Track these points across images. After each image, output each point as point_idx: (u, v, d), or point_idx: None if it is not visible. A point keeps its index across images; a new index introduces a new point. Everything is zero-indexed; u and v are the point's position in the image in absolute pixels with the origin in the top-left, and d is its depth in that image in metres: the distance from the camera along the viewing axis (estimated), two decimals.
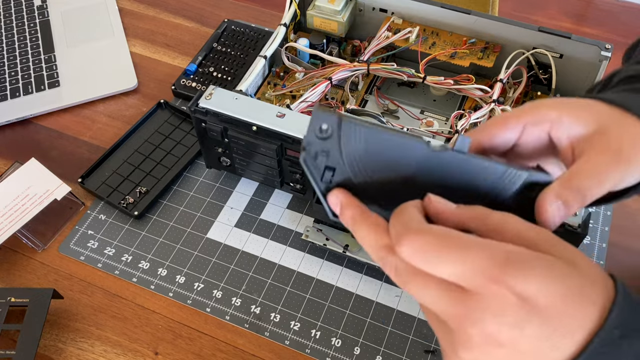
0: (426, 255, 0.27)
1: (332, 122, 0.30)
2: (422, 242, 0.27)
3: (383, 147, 0.31)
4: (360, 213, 0.31)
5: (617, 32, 0.85)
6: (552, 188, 0.32)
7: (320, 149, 0.31)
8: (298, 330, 0.59)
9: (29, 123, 0.77)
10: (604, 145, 0.33)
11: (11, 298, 0.58)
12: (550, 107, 0.35)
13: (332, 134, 0.30)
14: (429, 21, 0.70)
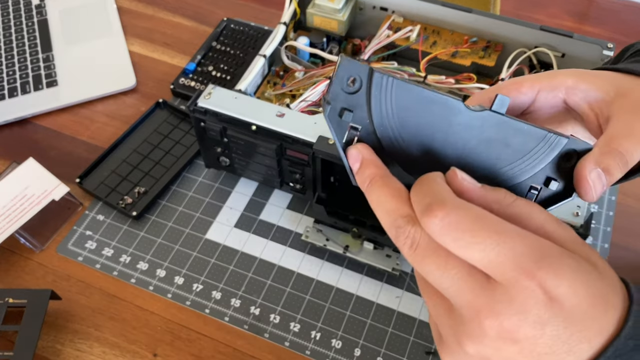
0: (459, 234, 0.25)
1: (362, 73, 0.27)
2: (458, 217, 0.25)
3: (416, 104, 0.28)
4: (381, 174, 0.28)
5: (619, 31, 0.84)
6: (591, 155, 0.30)
7: (346, 104, 0.28)
8: (298, 331, 0.58)
9: (27, 123, 0.77)
10: (630, 105, 0.32)
11: (9, 299, 0.57)
12: (566, 74, 0.34)
13: (362, 87, 0.28)
14: (430, 20, 0.70)
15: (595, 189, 0.29)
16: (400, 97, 0.28)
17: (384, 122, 0.29)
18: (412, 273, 0.62)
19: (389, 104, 0.28)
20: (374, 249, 0.61)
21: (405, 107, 0.28)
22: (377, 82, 0.28)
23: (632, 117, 0.31)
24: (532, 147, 0.29)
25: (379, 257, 0.61)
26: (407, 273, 0.62)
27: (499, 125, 0.29)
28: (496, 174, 0.30)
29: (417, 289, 0.61)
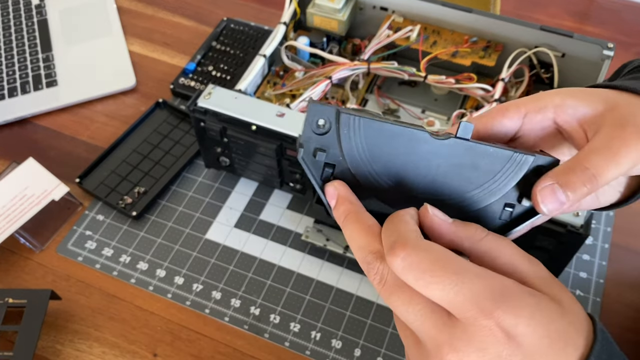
0: (419, 273, 0.26)
1: (330, 115, 0.29)
2: (418, 258, 0.26)
3: (384, 138, 0.30)
4: (355, 211, 0.30)
5: (619, 31, 0.84)
6: (554, 170, 0.30)
7: (318, 145, 0.30)
8: (298, 331, 0.58)
9: (27, 123, 0.77)
10: (617, 117, 0.30)
11: (9, 299, 0.57)
12: (552, 94, 0.33)
13: (331, 127, 0.29)
14: (430, 19, 0.70)
15: (544, 202, 0.29)
16: (368, 133, 0.30)
17: (356, 158, 0.30)
18: None
19: (359, 140, 0.30)
20: None
21: (374, 142, 0.30)
22: (344, 122, 0.29)
23: (612, 130, 0.30)
24: (501, 168, 0.30)
25: None
26: None
27: (465, 150, 0.30)
28: (469, 197, 0.31)
29: None
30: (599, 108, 0.31)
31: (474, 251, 0.29)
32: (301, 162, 0.30)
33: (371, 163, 0.30)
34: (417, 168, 0.30)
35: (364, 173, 0.31)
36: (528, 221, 0.31)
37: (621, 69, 0.44)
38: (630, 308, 0.60)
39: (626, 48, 0.73)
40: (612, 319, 0.59)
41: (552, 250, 0.53)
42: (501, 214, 0.31)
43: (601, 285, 0.61)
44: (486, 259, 0.28)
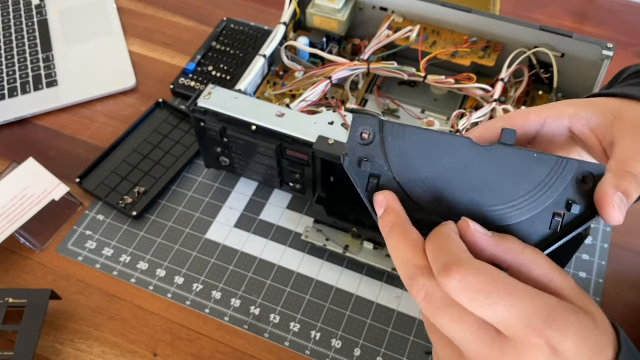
0: (474, 294, 0.27)
1: (374, 126, 0.30)
2: (474, 279, 0.27)
3: (427, 147, 0.30)
4: (401, 223, 0.31)
5: (619, 31, 0.84)
6: (608, 179, 0.31)
7: (363, 155, 0.30)
8: (298, 331, 0.58)
9: (27, 123, 0.77)
10: (629, 127, 0.34)
11: (9, 299, 0.57)
12: (567, 104, 0.36)
13: (375, 138, 0.30)
14: (430, 20, 0.70)
15: (619, 211, 0.30)
16: (412, 142, 0.30)
17: (400, 167, 0.31)
18: None
19: (403, 149, 0.30)
20: (374, 249, 0.61)
21: (418, 151, 0.30)
22: (388, 131, 0.30)
23: (634, 139, 0.33)
24: (546, 174, 0.31)
25: (379, 257, 0.61)
26: None
27: (509, 156, 0.30)
28: (513, 206, 0.31)
29: None
30: (609, 118, 0.35)
31: (513, 264, 0.30)
32: (347, 170, 0.30)
33: (415, 171, 0.31)
34: (461, 176, 0.31)
35: (409, 182, 0.31)
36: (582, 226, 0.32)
37: (619, 75, 0.45)
38: (630, 308, 0.60)
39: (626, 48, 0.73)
40: (612, 319, 0.59)
41: (553, 254, 0.53)
42: (551, 223, 0.31)
43: (601, 285, 0.61)
44: (524, 271, 0.29)
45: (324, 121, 0.58)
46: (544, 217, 0.31)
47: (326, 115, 0.59)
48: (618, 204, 0.30)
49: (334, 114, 0.59)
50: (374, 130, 0.30)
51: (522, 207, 0.31)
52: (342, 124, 0.58)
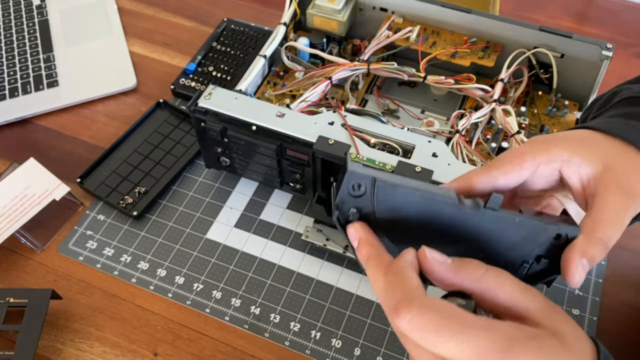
0: (424, 334, 0.27)
1: (367, 181, 0.31)
2: (424, 320, 0.27)
3: (415, 205, 0.31)
4: (376, 253, 0.31)
5: (618, 31, 0.84)
6: (578, 244, 0.32)
7: (353, 206, 0.32)
8: (298, 331, 0.58)
9: (28, 123, 0.77)
10: (615, 183, 0.34)
11: (10, 298, 0.58)
12: (561, 148, 0.37)
13: (366, 192, 0.31)
14: (430, 20, 0.70)
15: (580, 276, 0.32)
16: (402, 200, 0.31)
17: (385, 217, 0.32)
18: None
19: (391, 205, 0.32)
20: None
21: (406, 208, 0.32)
22: (380, 189, 0.31)
23: (615, 199, 0.34)
24: (525, 235, 0.32)
25: None
26: None
27: (493, 220, 0.32)
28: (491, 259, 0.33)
29: None
30: (599, 167, 0.35)
31: (475, 290, 0.30)
32: (335, 221, 0.32)
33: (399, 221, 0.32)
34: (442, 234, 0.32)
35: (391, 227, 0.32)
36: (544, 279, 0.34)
37: (612, 97, 0.45)
38: (629, 307, 0.60)
39: (625, 48, 0.73)
40: (611, 318, 0.59)
41: None
42: (517, 270, 0.33)
43: (600, 285, 0.61)
44: (487, 295, 0.29)
45: (324, 121, 0.58)
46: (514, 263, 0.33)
47: (326, 115, 0.59)
48: (579, 272, 0.32)
49: (334, 114, 0.59)
50: (365, 185, 0.31)
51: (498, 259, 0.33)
52: (342, 124, 0.58)
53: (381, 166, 0.54)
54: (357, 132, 0.57)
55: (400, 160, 0.54)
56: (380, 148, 0.57)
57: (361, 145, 0.56)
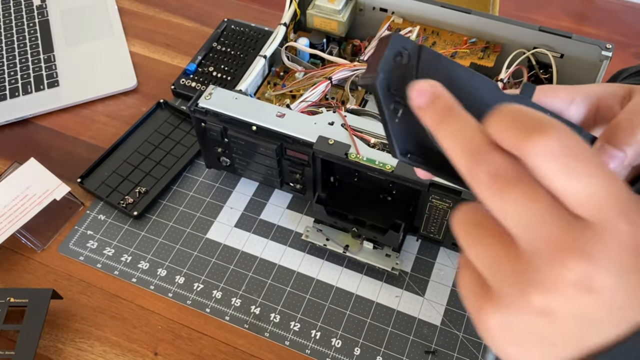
0: (571, 160, 0.22)
1: (413, 48, 0.28)
2: (571, 142, 0.22)
3: (458, 82, 0.29)
4: (457, 104, 0.26)
5: (618, 31, 0.84)
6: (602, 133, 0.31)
7: (394, 77, 0.28)
8: (298, 330, 0.58)
9: (28, 123, 0.77)
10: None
11: (10, 298, 0.58)
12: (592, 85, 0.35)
13: (410, 61, 0.28)
14: (430, 21, 0.70)
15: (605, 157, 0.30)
16: (445, 74, 0.29)
17: None
18: (412, 272, 0.62)
19: (435, 79, 0.28)
20: (374, 248, 0.62)
21: (449, 83, 0.29)
22: (425, 57, 0.29)
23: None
24: None
25: (378, 257, 0.61)
26: (406, 272, 0.62)
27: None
28: None
29: (416, 288, 0.61)
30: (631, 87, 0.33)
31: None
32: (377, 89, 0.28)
33: None
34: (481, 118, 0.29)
35: None
36: None
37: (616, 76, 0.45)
38: None
39: (624, 48, 0.73)
40: None
41: None
42: None
43: None
44: None
45: (324, 121, 0.58)
46: None
47: (326, 115, 0.59)
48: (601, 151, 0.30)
49: (334, 114, 0.59)
50: (410, 53, 0.28)
51: None
52: (342, 124, 0.58)
53: (381, 166, 0.55)
54: (357, 132, 0.58)
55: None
56: (380, 148, 0.57)
57: (361, 145, 0.56)
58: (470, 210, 0.25)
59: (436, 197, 0.55)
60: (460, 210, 0.25)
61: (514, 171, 0.23)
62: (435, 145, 0.28)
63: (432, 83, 0.27)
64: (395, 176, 0.54)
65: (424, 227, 0.61)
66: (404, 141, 0.29)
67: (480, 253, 0.24)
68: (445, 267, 0.62)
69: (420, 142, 0.29)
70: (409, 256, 0.63)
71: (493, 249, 0.24)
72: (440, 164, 0.30)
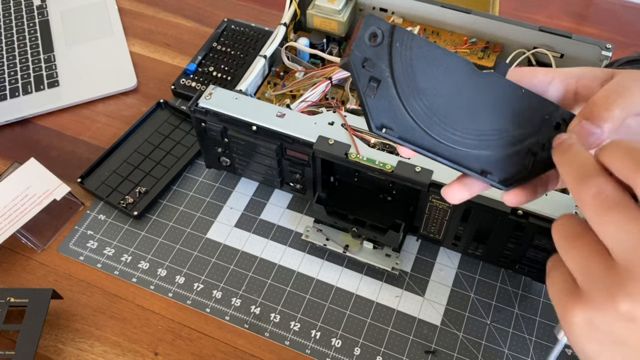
0: None
1: (386, 28, 0.30)
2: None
3: (431, 60, 0.31)
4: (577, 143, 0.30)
5: (618, 31, 0.84)
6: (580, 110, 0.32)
7: (368, 55, 0.30)
8: (298, 330, 0.59)
9: (29, 123, 0.77)
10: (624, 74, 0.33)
11: (10, 298, 0.58)
12: (572, 68, 0.36)
13: (383, 40, 0.30)
14: (430, 21, 0.70)
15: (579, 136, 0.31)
16: (418, 52, 0.30)
17: (402, 74, 0.31)
18: (412, 272, 0.62)
19: (407, 57, 0.30)
20: (374, 248, 0.62)
21: (421, 63, 0.31)
22: (398, 36, 0.30)
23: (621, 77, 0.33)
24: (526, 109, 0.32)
25: (378, 257, 0.61)
26: (406, 272, 0.62)
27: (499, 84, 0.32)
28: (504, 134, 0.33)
29: (416, 288, 0.61)
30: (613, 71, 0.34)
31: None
32: (351, 65, 0.30)
33: (414, 81, 0.31)
34: (453, 93, 0.31)
35: (405, 91, 0.31)
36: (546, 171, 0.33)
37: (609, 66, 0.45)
38: None
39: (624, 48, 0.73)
40: None
41: (551, 249, 0.54)
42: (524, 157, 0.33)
43: None
44: None
45: (324, 121, 0.58)
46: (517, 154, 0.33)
47: (326, 115, 0.59)
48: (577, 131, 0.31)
49: (334, 114, 0.59)
50: (383, 33, 0.30)
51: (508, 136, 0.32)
52: (342, 124, 0.58)
53: (381, 166, 0.55)
54: (357, 132, 0.58)
55: (400, 160, 0.55)
56: (380, 148, 0.57)
57: (361, 145, 0.56)
58: (570, 219, 0.29)
59: (436, 197, 0.55)
60: (562, 219, 0.30)
61: (617, 196, 0.27)
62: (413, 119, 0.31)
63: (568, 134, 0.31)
64: (395, 176, 0.54)
65: (424, 227, 0.61)
66: (379, 116, 0.31)
67: (576, 257, 0.28)
68: (445, 267, 0.62)
69: (396, 117, 0.31)
70: (409, 256, 0.63)
71: (589, 256, 0.27)
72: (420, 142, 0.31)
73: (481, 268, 0.62)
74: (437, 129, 0.31)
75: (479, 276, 0.62)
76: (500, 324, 0.59)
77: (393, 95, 0.31)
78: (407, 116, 0.31)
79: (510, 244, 0.56)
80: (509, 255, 0.58)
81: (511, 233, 0.55)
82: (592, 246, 0.28)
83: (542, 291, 0.61)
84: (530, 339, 0.57)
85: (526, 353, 0.57)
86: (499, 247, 0.57)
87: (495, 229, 0.55)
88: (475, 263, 0.63)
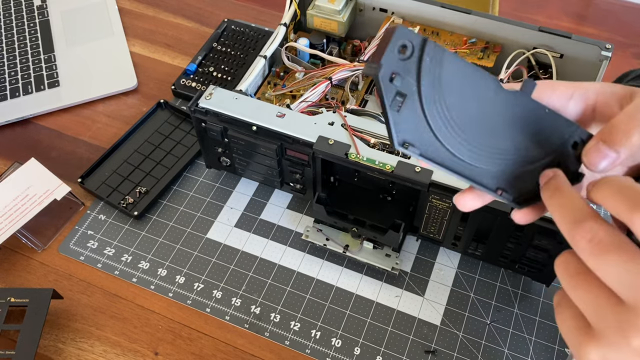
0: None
1: (417, 41, 0.29)
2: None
3: (459, 77, 0.30)
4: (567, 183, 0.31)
5: (617, 31, 0.84)
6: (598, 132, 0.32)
7: (397, 69, 0.29)
8: (298, 330, 0.59)
9: (29, 123, 0.77)
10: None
11: (11, 298, 0.58)
12: (591, 83, 0.36)
13: (413, 53, 0.29)
14: (430, 21, 0.70)
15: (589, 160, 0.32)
16: (447, 68, 0.30)
17: (430, 89, 0.30)
18: (412, 272, 0.62)
19: (437, 73, 0.30)
20: (374, 248, 0.62)
21: (449, 79, 0.30)
22: (429, 50, 0.29)
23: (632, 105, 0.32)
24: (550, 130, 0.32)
25: (378, 257, 0.61)
26: (406, 272, 0.62)
27: (526, 104, 0.32)
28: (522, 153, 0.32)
29: (416, 288, 0.61)
30: (633, 90, 0.34)
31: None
32: (379, 80, 0.29)
33: (441, 97, 0.30)
34: (479, 111, 0.31)
35: (432, 107, 0.30)
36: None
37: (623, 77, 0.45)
38: None
39: (624, 48, 0.73)
40: None
41: (551, 249, 0.54)
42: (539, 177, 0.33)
43: None
44: None
45: (324, 121, 0.58)
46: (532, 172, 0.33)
47: (326, 115, 0.59)
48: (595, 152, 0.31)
49: (334, 114, 0.59)
50: (414, 46, 0.29)
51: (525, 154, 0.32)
52: (342, 124, 0.58)
53: (381, 166, 0.55)
54: (357, 132, 0.58)
55: (400, 161, 0.55)
56: (380, 148, 0.57)
57: (361, 145, 0.56)
58: (573, 256, 0.29)
59: (436, 197, 0.55)
60: (564, 255, 0.30)
61: (612, 238, 0.27)
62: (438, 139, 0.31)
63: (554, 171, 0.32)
64: (395, 176, 0.54)
65: (424, 227, 0.61)
66: (403, 131, 0.30)
67: (583, 297, 0.29)
68: (445, 267, 0.63)
69: (419, 134, 0.30)
70: (408, 256, 0.63)
71: (596, 296, 0.28)
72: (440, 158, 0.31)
73: (481, 268, 0.62)
74: (460, 148, 0.31)
75: (478, 276, 0.62)
76: (500, 323, 0.59)
77: (418, 112, 0.30)
78: (430, 133, 0.30)
79: (510, 244, 0.56)
80: (509, 255, 0.58)
81: (511, 233, 0.55)
82: (596, 284, 0.28)
83: (542, 291, 0.61)
84: (530, 338, 0.58)
85: (526, 353, 0.57)
86: (498, 247, 0.57)
87: (495, 229, 0.56)
88: (475, 263, 0.63)
